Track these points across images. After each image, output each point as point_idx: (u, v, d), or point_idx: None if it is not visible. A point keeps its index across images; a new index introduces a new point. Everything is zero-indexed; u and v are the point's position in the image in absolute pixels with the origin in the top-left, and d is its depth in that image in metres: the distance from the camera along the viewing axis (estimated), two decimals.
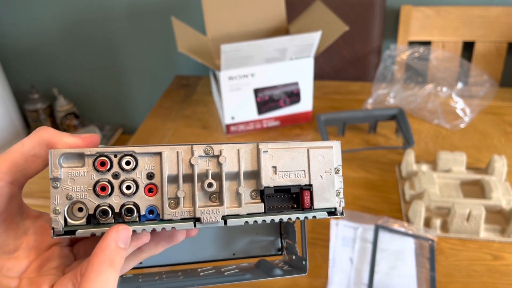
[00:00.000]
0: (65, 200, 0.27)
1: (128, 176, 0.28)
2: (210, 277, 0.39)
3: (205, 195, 0.29)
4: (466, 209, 0.66)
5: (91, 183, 0.27)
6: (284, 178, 0.30)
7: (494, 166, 0.76)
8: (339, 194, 0.31)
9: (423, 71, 1.02)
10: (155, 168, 0.28)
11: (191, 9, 1.38)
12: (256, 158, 0.29)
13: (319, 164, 0.30)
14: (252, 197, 0.30)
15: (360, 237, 0.68)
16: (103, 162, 0.27)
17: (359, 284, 0.61)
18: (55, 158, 0.27)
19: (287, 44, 0.84)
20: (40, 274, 0.29)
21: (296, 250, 0.39)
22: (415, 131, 0.92)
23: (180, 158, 0.28)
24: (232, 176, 0.29)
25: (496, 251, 0.66)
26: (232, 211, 0.29)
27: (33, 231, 0.30)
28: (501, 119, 0.96)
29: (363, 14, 1.22)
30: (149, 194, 0.28)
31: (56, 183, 0.27)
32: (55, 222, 0.27)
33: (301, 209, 0.30)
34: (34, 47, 1.58)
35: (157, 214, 0.28)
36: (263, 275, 0.39)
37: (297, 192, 0.30)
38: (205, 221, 0.28)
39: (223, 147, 0.29)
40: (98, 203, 0.27)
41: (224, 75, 0.87)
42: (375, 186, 0.79)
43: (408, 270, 0.63)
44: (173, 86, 1.18)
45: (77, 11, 1.47)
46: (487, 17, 1.18)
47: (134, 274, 0.40)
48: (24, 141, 0.28)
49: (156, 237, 0.31)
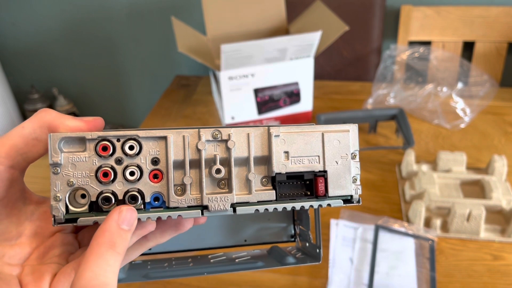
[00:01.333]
0: (66, 187, 0.26)
1: (131, 162, 0.26)
2: (221, 264, 0.38)
3: (213, 181, 0.28)
4: (466, 209, 0.66)
5: (93, 168, 0.26)
6: (297, 164, 0.28)
7: (494, 166, 0.75)
8: (355, 181, 0.29)
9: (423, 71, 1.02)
10: (160, 153, 0.27)
11: (191, 9, 1.38)
12: (267, 143, 0.28)
13: (334, 149, 0.29)
14: (262, 183, 0.28)
15: (360, 237, 0.67)
16: (105, 146, 0.26)
17: (359, 284, 0.61)
18: (54, 142, 0.25)
19: (287, 44, 0.84)
20: (43, 262, 0.28)
21: (309, 237, 0.38)
22: (415, 131, 0.92)
23: (186, 142, 0.27)
24: (241, 162, 0.28)
25: (496, 251, 0.66)
26: (241, 199, 0.28)
27: (36, 217, 0.29)
28: (501, 119, 0.96)
29: (363, 14, 1.22)
30: (154, 181, 0.27)
31: (57, 169, 0.26)
32: (56, 210, 0.26)
33: (315, 197, 0.29)
34: (34, 47, 1.58)
35: (162, 202, 0.27)
36: (275, 263, 0.38)
37: (311, 178, 0.29)
38: (213, 209, 0.27)
39: (232, 131, 0.27)
40: (100, 189, 0.26)
41: (224, 75, 0.87)
42: (375, 186, 0.79)
43: (408, 270, 0.63)
44: (173, 86, 1.18)
45: (77, 11, 1.47)
46: (487, 17, 1.18)
47: (143, 261, 0.39)
48: (25, 123, 0.27)
49: (162, 225, 0.29)
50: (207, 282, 0.63)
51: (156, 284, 0.63)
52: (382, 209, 0.74)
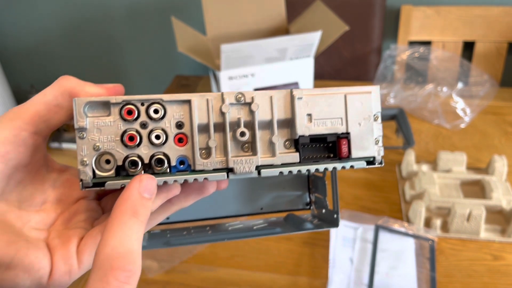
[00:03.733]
0: (92, 151, 0.26)
1: (156, 126, 0.26)
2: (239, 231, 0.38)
3: (237, 145, 0.28)
4: (466, 209, 0.65)
5: (119, 133, 0.26)
6: (320, 126, 0.28)
7: (495, 166, 0.75)
8: (378, 142, 0.29)
9: (423, 71, 1.02)
10: (185, 117, 0.27)
11: (191, 9, 1.38)
12: (290, 106, 0.28)
13: (357, 110, 0.28)
14: (286, 146, 0.28)
15: (360, 237, 0.67)
16: (130, 110, 0.26)
17: (359, 284, 0.61)
18: (79, 107, 0.25)
19: (287, 44, 0.84)
20: (68, 227, 0.28)
21: (326, 204, 0.38)
22: (415, 131, 0.92)
23: (210, 106, 0.27)
24: (264, 125, 0.28)
25: (497, 251, 0.65)
26: (265, 161, 0.28)
27: (59, 184, 0.30)
28: (502, 119, 0.96)
29: (363, 14, 1.22)
30: (179, 144, 0.27)
31: (82, 133, 0.26)
32: (83, 174, 0.26)
33: (338, 159, 0.29)
34: (34, 47, 1.58)
35: (188, 165, 0.27)
36: (293, 228, 0.38)
37: (334, 140, 0.29)
38: (238, 172, 0.27)
39: (255, 94, 0.27)
40: (126, 154, 0.26)
41: (224, 75, 0.87)
42: (375, 186, 0.79)
43: (408, 270, 0.62)
44: (173, 86, 1.18)
45: (77, 10, 1.47)
46: (487, 17, 1.18)
47: (162, 230, 0.40)
48: (46, 90, 0.27)
49: (186, 189, 0.30)
50: (207, 282, 0.63)
51: (156, 284, 0.63)
52: (382, 209, 0.74)
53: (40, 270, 0.25)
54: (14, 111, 0.26)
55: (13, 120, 0.26)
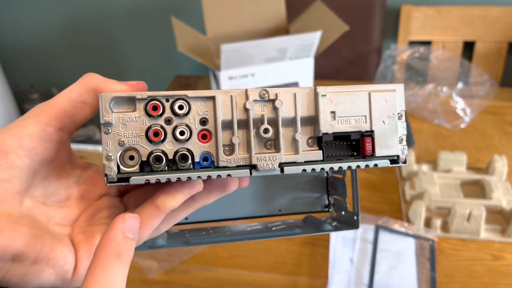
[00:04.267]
0: (117, 146, 0.26)
1: (181, 122, 0.26)
2: (258, 232, 0.38)
3: (260, 142, 0.28)
4: (467, 209, 0.65)
5: (143, 128, 0.26)
6: (344, 124, 0.28)
7: (495, 166, 0.75)
8: (402, 141, 0.29)
9: (423, 71, 1.02)
10: (209, 113, 0.27)
11: (191, 9, 1.38)
12: (314, 103, 0.28)
13: (381, 108, 0.28)
14: (309, 144, 0.28)
15: (360, 237, 0.67)
16: (155, 106, 0.26)
17: (359, 284, 0.61)
18: (105, 102, 0.26)
19: (287, 44, 0.84)
20: (92, 223, 0.29)
21: (346, 206, 0.38)
22: (416, 131, 0.92)
23: (234, 102, 0.27)
24: (288, 122, 0.28)
25: (497, 251, 0.65)
26: (288, 159, 0.27)
27: (83, 181, 0.30)
28: (502, 119, 0.96)
29: (363, 14, 1.22)
30: (203, 141, 0.27)
31: (108, 129, 0.26)
32: (109, 169, 0.26)
33: (362, 157, 0.28)
34: (34, 47, 1.58)
35: (211, 162, 0.27)
36: (312, 230, 0.38)
37: (357, 139, 0.28)
38: (261, 169, 0.27)
39: (279, 90, 0.27)
40: (151, 149, 0.26)
41: (224, 75, 0.87)
42: (375, 186, 0.79)
43: (409, 270, 0.62)
44: (173, 86, 1.18)
45: (77, 11, 1.47)
46: (487, 17, 1.18)
47: (180, 230, 0.40)
48: (72, 87, 0.27)
49: (208, 186, 0.30)
50: (207, 282, 0.63)
51: (156, 284, 0.63)
52: (382, 209, 0.74)
53: (65, 265, 0.25)
54: (40, 107, 0.27)
55: (39, 115, 0.26)
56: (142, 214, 0.27)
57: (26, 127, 0.26)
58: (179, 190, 0.27)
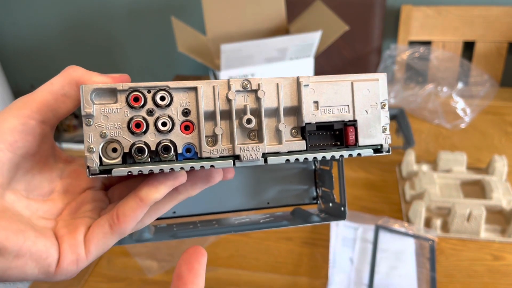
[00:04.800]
0: (99, 138, 0.26)
1: (163, 113, 0.26)
2: (246, 224, 0.38)
3: (243, 132, 0.27)
4: (467, 209, 0.65)
5: (125, 120, 0.26)
6: (327, 113, 0.28)
7: (495, 166, 0.75)
8: (385, 130, 0.29)
9: (423, 71, 1.02)
10: (191, 104, 0.27)
11: (191, 9, 1.38)
12: (296, 93, 0.28)
13: (364, 98, 0.28)
14: (292, 134, 0.28)
15: (361, 237, 0.67)
16: (137, 97, 0.26)
17: (359, 284, 0.61)
18: (86, 94, 0.25)
19: (287, 44, 0.84)
20: (75, 216, 0.29)
21: (333, 197, 0.38)
22: (416, 131, 0.92)
23: (216, 93, 0.27)
24: (271, 113, 0.28)
25: (497, 251, 0.65)
26: (272, 149, 0.27)
27: (66, 175, 0.30)
28: (502, 119, 0.96)
29: (363, 14, 1.22)
30: (186, 132, 0.27)
31: (89, 120, 0.26)
32: (90, 161, 0.26)
33: (345, 146, 0.28)
34: (34, 47, 1.58)
35: (194, 153, 0.27)
36: (300, 221, 0.38)
37: (341, 128, 0.28)
38: (245, 159, 0.27)
39: (261, 80, 0.27)
40: (133, 141, 0.26)
41: (224, 75, 0.87)
42: (375, 186, 0.79)
43: (409, 270, 0.62)
44: None
45: (77, 10, 1.47)
46: (487, 17, 1.18)
47: (168, 224, 0.40)
48: (53, 80, 0.27)
49: (192, 177, 0.30)
50: (207, 282, 0.63)
51: (156, 284, 0.63)
52: (382, 209, 0.74)
53: (48, 259, 0.25)
54: (22, 100, 0.26)
55: (20, 109, 0.26)
56: (126, 206, 0.27)
57: (7, 120, 0.26)
58: (162, 182, 0.27)
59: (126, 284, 0.63)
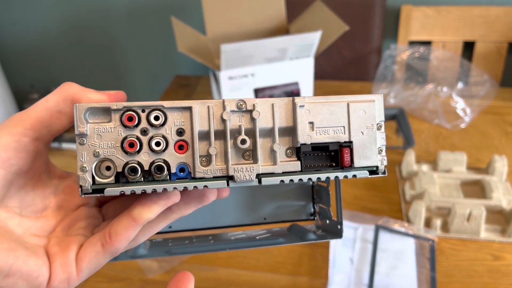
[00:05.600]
0: (92, 157, 0.26)
1: (157, 132, 0.26)
2: (241, 241, 0.38)
3: (238, 152, 0.27)
4: (467, 209, 0.65)
5: (119, 139, 0.26)
6: (322, 134, 0.28)
7: (495, 166, 0.75)
8: (381, 152, 0.29)
9: (423, 71, 1.02)
10: (185, 124, 0.27)
11: (191, 9, 1.38)
12: (292, 113, 0.28)
13: (360, 119, 0.28)
14: (287, 155, 0.28)
15: (361, 237, 0.67)
16: (131, 117, 0.26)
17: (359, 284, 0.61)
18: (80, 112, 0.25)
19: (287, 44, 0.84)
20: (68, 234, 0.28)
21: (330, 214, 0.38)
22: (416, 131, 0.92)
23: (211, 113, 0.27)
24: (266, 133, 0.28)
25: (497, 251, 0.65)
26: (266, 169, 0.27)
27: (60, 191, 0.30)
28: (502, 119, 0.96)
29: (363, 14, 1.22)
30: (180, 151, 0.27)
31: (83, 139, 0.26)
32: (83, 180, 0.26)
33: (340, 168, 0.28)
34: (34, 47, 1.58)
35: (188, 172, 0.27)
36: (296, 239, 0.38)
37: (336, 149, 0.28)
38: (238, 180, 0.27)
39: (256, 101, 0.27)
40: (126, 160, 0.26)
41: (224, 75, 0.87)
42: (375, 186, 0.79)
43: (409, 270, 0.62)
44: (173, 86, 1.18)
45: (77, 11, 1.47)
46: (487, 17, 1.18)
47: (164, 239, 0.40)
48: (49, 97, 0.27)
49: (186, 197, 0.29)
50: (207, 282, 0.63)
51: (156, 284, 0.63)
52: (382, 209, 0.74)
53: (38, 278, 0.25)
54: (16, 117, 0.26)
55: (14, 126, 0.26)
56: (118, 225, 0.27)
57: (0, 137, 0.26)
58: (155, 201, 0.27)
59: (126, 284, 0.63)
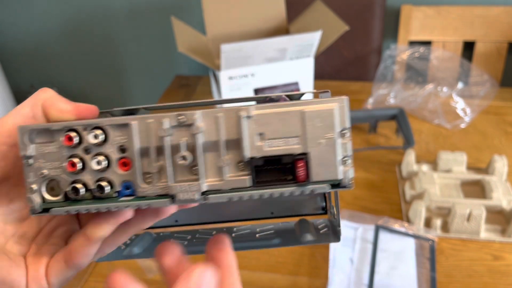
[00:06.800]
0: (39, 178, 0.26)
1: (100, 151, 0.26)
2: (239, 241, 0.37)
3: (183, 169, 0.26)
4: (467, 209, 0.65)
5: (63, 159, 0.26)
6: (274, 146, 0.25)
7: (495, 166, 0.75)
8: (345, 162, 0.26)
9: (423, 71, 1.02)
10: (128, 140, 0.26)
11: (191, 9, 1.38)
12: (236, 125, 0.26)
13: (316, 128, 0.25)
14: (239, 169, 0.26)
15: (361, 237, 0.67)
16: (70, 137, 0.26)
17: (359, 284, 0.61)
18: (23, 135, 0.25)
19: (287, 44, 0.84)
20: (47, 241, 0.29)
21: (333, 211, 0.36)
22: (416, 131, 0.92)
23: (150, 129, 0.26)
24: (213, 147, 0.26)
25: (497, 251, 0.65)
26: (213, 186, 0.26)
27: None
28: (502, 119, 0.96)
29: (363, 14, 1.22)
30: (124, 169, 0.26)
31: (28, 161, 0.26)
32: (30, 201, 0.26)
33: (295, 182, 0.26)
34: (34, 47, 1.58)
35: (133, 190, 0.26)
36: (292, 241, 0.36)
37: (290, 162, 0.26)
38: (179, 198, 0.26)
39: (197, 114, 0.25)
40: (71, 179, 0.26)
41: (224, 75, 0.87)
42: (375, 186, 0.79)
43: (409, 270, 0.62)
44: (173, 86, 1.18)
45: (77, 10, 1.47)
46: (487, 16, 1.18)
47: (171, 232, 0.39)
48: (25, 102, 0.27)
49: (141, 212, 0.29)
50: None
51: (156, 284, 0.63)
52: (382, 209, 0.73)
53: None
54: None
55: None
56: (76, 243, 0.27)
57: None
58: (106, 219, 0.27)
59: None
